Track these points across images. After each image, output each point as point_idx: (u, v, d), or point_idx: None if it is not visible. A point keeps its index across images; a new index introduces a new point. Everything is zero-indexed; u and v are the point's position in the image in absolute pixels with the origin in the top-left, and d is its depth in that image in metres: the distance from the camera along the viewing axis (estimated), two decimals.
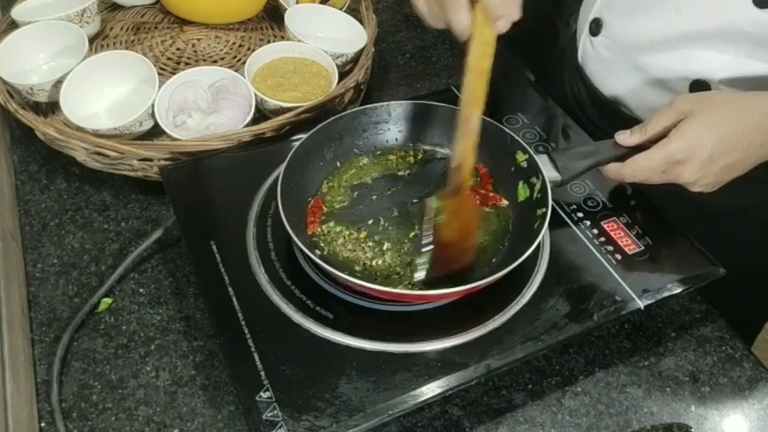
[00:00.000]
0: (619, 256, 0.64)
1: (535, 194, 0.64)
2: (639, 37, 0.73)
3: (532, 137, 0.75)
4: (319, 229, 0.65)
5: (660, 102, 0.73)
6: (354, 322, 0.58)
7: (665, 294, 0.61)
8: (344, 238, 0.64)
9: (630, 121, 0.78)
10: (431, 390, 0.54)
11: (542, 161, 0.65)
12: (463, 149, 0.61)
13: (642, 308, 0.60)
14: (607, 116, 0.82)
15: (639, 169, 0.61)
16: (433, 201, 0.62)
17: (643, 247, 0.64)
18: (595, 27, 0.79)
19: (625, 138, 0.63)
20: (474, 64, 0.57)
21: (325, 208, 0.67)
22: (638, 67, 0.74)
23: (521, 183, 0.67)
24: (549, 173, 0.64)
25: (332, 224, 0.66)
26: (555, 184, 0.65)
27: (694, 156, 0.58)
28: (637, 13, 0.73)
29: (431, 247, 0.62)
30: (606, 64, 0.80)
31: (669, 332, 0.67)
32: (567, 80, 0.89)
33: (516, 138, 0.67)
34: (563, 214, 0.67)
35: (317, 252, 0.63)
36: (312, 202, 0.67)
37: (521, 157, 0.67)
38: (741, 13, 0.64)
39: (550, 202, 0.61)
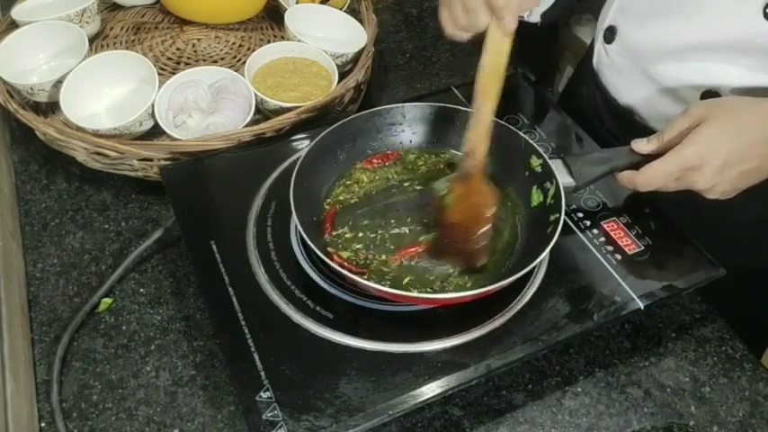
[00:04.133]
0: (619, 256, 0.64)
1: (548, 200, 0.64)
2: (651, 46, 0.73)
3: (532, 137, 0.75)
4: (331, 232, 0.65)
5: (672, 111, 0.73)
6: (354, 322, 0.58)
7: (665, 294, 0.61)
8: (356, 240, 0.64)
9: (644, 129, 0.78)
10: (431, 390, 0.54)
11: (557, 166, 0.65)
12: (475, 137, 0.62)
13: (642, 308, 0.60)
14: (622, 124, 0.81)
15: (654, 177, 0.60)
16: (439, 183, 0.64)
17: (643, 248, 0.64)
18: (609, 35, 0.79)
19: (642, 146, 0.63)
20: (488, 61, 0.60)
21: (338, 210, 0.67)
22: (650, 76, 0.74)
23: (534, 187, 0.66)
24: (564, 178, 0.64)
25: (344, 226, 0.66)
26: (569, 190, 0.64)
27: (708, 162, 0.58)
28: (649, 21, 0.73)
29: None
30: (620, 72, 0.79)
31: (669, 332, 0.67)
32: (584, 88, 0.89)
33: (530, 142, 0.67)
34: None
35: (330, 251, 0.62)
36: (330, 210, 0.67)
37: (535, 161, 0.66)
38: (751, 26, 0.63)
39: (564, 207, 0.61)
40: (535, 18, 0.80)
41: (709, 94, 0.69)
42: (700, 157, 0.58)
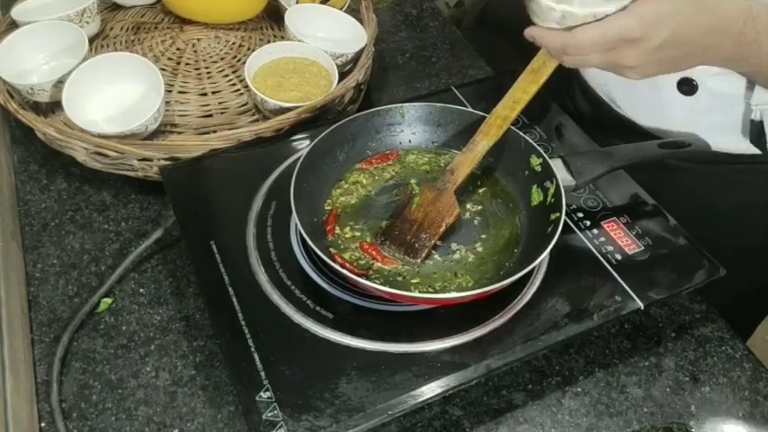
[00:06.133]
0: (619, 256, 0.64)
1: (549, 199, 0.64)
2: None
3: (532, 137, 0.75)
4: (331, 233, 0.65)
5: (648, 97, 0.73)
6: (354, 322, 0.58)
7: (665, 294, 0.61)
8: (356, 240, 0.64)
9: (620, 118, 0.79)
10: (431, 390, 0.54)
11: (557, 165, 0.65)
12: (462, 161, 0.66)
13: (642, 308, 0.60)
14: (597, 111, 0.82)
15: (589, 40, 0.53)
16: (414, 183, 0.67)
17: (643, 247, 0.64)
18: None
19: None
20: (500, 109, 0.66)
21: (338, 211, 0.67)
22: None
23: (534, 186, 0.66)
24: (564, 177, 0.64)
25: (344, 227, 0.65)
26: (569, 189, 0.64)
27: (649, 39, 0.52)
28: None
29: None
30: None
31: (669, 332, 0.67)
32: (563, 81, 0.89)
33: (530, 141, 0.67)
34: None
35: (331, 252, 0.62)
36: (331, 211, 0.67)
37: (535, 161, 0.66)
38: None
39: (564, 206, 0.61)
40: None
41: (685, 81, 0.70)
42: (642, 30, 0.52)
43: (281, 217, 0.66)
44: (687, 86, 0.71)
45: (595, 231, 0.66)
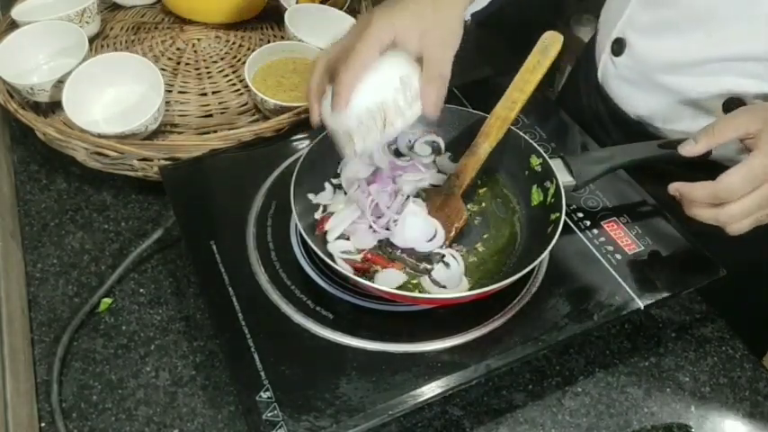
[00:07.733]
0: (619, 256, 0.64)
1: (549, 199, 0.64)
2: (666, 58, 0.72)
3: (533, 137, 0.75)
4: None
5: (692, 118, 0.71)
6: (354, 322, 0.58)
7: (665, 294, 0.61)
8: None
9: (656, 138, 0.77)
10: (431, 390, 0.54)
11: (557, 165, 0.65)
12: (466, 164, 0.66)
13: (642, 308, 0.60)
14: (630, 134, 0.80)
15: (739, 180, 0.55)
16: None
17: (643, 247, 0.64)
18: (618, 47, 0.78)
19: (692, 148, 0.59)
20: (500, 110, 0.67)
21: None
22: (666, 88, 0.73)
23: (534, 186, 0.66)
24: (564, 177, 0.64)
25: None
26: (569, 189, 0.64)
27: None
28: (663, 34, 0.72)
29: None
30: (630, 84, 0.78)
31: (669, 332, 0.67)
32: (584, 97, 0.88)
33: (530, 141, 0.67)
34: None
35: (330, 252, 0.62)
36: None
37: (535, 161, 0.66)
38: None
39: (564, 206, 0.61)
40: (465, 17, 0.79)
41: (733, 101, 0.68)
42: None
43: (281, 217, 0.66)
44: (735, 105, 0.68)
45: (595, 231, 0.66)
